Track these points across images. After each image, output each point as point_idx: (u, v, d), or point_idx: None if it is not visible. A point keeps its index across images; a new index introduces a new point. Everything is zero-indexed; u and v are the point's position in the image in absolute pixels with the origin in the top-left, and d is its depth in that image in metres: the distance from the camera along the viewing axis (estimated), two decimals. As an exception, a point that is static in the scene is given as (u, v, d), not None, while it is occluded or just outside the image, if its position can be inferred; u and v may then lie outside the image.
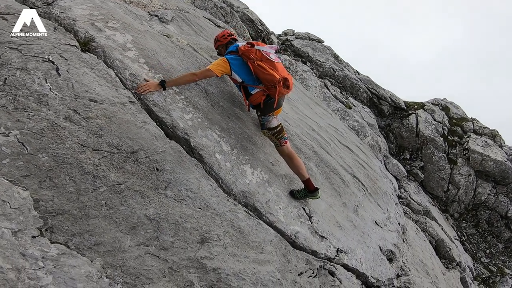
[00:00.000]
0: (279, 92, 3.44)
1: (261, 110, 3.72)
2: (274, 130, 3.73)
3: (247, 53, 3.48)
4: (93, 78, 3.01)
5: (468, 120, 11.34)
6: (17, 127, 2.34)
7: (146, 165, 2.73)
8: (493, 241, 9.81)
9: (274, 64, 3.49)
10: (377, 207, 5.92)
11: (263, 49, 3.51)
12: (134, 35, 3.88)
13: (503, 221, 9.86)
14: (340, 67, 11.42)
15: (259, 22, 11.04)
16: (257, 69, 3.45)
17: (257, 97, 3.61)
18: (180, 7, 6.70)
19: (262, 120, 3.77)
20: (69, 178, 2.34)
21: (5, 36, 2.90)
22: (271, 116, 3.71)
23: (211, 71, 3.43)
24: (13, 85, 2.56)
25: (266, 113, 3.70)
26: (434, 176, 10.14)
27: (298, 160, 3.84)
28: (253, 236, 3.14)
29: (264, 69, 3.42)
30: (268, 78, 3.42)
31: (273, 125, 3.71)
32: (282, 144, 3.79)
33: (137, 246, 2.42)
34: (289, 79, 3.52)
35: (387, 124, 11.15)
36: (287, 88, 3.50)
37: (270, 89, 3.49)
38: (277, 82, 3.39)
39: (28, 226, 2.09)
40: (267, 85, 3.48)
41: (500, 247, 9.75)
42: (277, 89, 3.42)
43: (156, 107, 3.20)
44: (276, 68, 3.47)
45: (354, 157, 6.59)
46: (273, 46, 3.71)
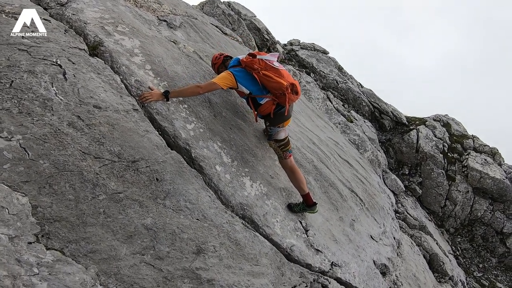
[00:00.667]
0: (289, 99, 3.42)
1: (271, 121, 3.68)
2: (281, 143, 3.74)
3: (250, 64, 3.47)
4: (99, 84, 3.03)
5: (469, 138, 11.38)
6: (20, 132, 2.35)
7: (146, 175, 2.74)
8: (487, 256, 9.86)
9: (279, 71, 3.47)
10: (373, 222, 5.93)
11: (265, 58, 3.51)
12: (142, 41, 3.91)
13: (498, 237, 9.91)
14: (344, 80, 11.48)
15: (265, 31, 11.12)
16: (263, 79, 3.43)
17: (267, 107, 3.56)
18: (189, 13, 6.75)
19: (270, 131, 3.75)
20: (69, 186, 2.34)
21: (16, 37, 2.93)
22: (280, 128, 3.70)
23: (216, 84, 3.39)
24: (19, 88, 2.57)
25: (276, 123, 3.67)
26: (432, 191, 10.18)
27: (299, 174, 3.84)
28: (249, 248, 3.15)
29: (271, 78, 3.39)
30: (276, 86, 3.39)
31: (280, 137, 3.71)
32: (286, 157, 3.78)
33: (132, 255, 2.43)
34: (297, 84, 3.50)
35: (387, 139, 11.17)
36: (296, 94, 3.48)
37: (279, 97, 3.46)
38: (285, 89, 3.36)
39: (25, 232, 2.09)
40: (276, 93, 3.45)
41: (494, 262, 9.78)
42: (287, 96, 3.39)
43: (159, 115, 3.22)
44: (282, 75, 3.44)
45: (353, 172, 6.60)
46: (274, 54, 3.71)
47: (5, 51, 2.74)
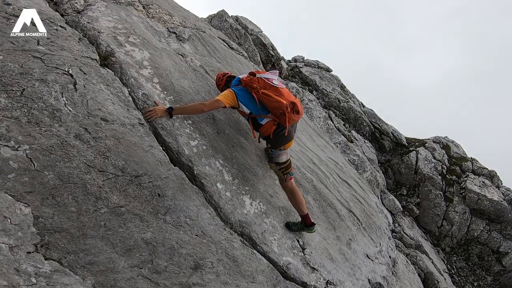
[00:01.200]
0: (289, 118, 3.30)
1: (272, 143, 3.58)
2: (282, 165, 3.69)
3: (249, 83, 3.41)
4: (107, 96, 3.07)
5: (468, 160, 11.47)
6: (27, 142, 2.38)
7: (148, 190, 2.77)
8: (482, 274, 9.88)
9: (279, 89, 3.37)
10: (370, 241, 5.93)
11: (264, 76, 3.43)
12: (152, 53, 3.98)
13: (494, 256, 9.96)
14: (346, 98, 11.60)
15: (270, 47, 11.30)
16: (262, 98, 3.34)
17: (268, 128, 3.46)
18: (198, 26, 6.86)
19: (271, 153, 3.67)
20: (72, 198, 2.37)
21: (32, 43, 2.95)
22: (281, 151, 3.62)
23: (220, 101, 3.34)
24: (30, 97, 2.60)
25: (277, 146, 3.57)
26: (429, 212, 10.26)
27: (299, 196, 3.83)
28: (246, 265, 3.16)
29: (270, 97, 3.30)
30: (275, 105, 3.30)
31: (282, 160, 3.66)
32: (287, 180, 3.75)
33: (130, 268, 2.44)
34: (297, 103, 3.38)
35: (387, 160, 11.22)
36: (296, 113, 3.36)
37: (279, 117, 3.35)
38: (285, 108, 3.25)
39: (25, 242, 2.11)
40: (276, 113, 3.35)
41: (489, 280, 9.80)
42: (287, 115, 3.27)
43: (164, 130, 3.26)
44: (281, 94, 3.35)
45: (352, 192, 6.62)
46: (274, 71, 3.62)
47: (20, 57, 2.77)
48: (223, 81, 3.96)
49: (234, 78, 3.81)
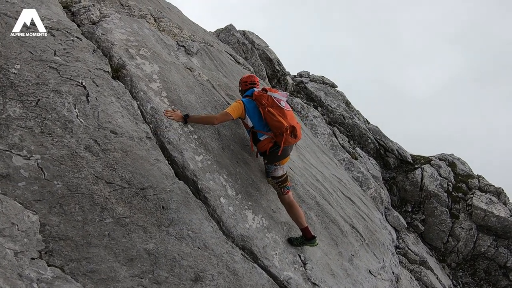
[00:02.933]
0: (285, 140, 3.48)
1: (267, 158, 3.78)
2: (278, 179, 3.81)
3: (259, 99, 3.63)
4: (117, 109, 3.17)
5: (474, 177, 11.36)
6: (39, 152, 2.48)
7: (153, 202, 2.82)
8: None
9: (284, 111, 3.58)
10: (373, 257, 5.87)
11: (274, 95, 3.65)
12: (161, 66, 4.08)
13: (501, 270, 9.76)
14: (351, 115, 11.64)
15: (276, 62, 11.47)
16: (267, 115, 3.55)
17: (265, 144, 3.68)
18: (206, 40, 7.03)
19: (267, 168, 3.85)
20: (79, 207, 2.43)
21: (49, 53, 3.03)
22: (277, 166, 3.77)
23: (229, 114, 3.59)
24: (44, 108, 2.69)
25: (272, 161, 3.75)
26: (434, 228, 10.16)
27: (297, 209, 3.89)
28: (246, 279, 3.16)
29: (274, 116, 3.51)
30: (277, 125, 3.50)
31: (277, 174, 3.78)
32: (284, 193, 3.86)
33: (131, 278, 2.47)
34: (297, 128, 3.56)
35: (391, 177, 11.16)
36: (294, 137, 3.55)
37: (277, 136, 3.55)
38: (284, 130, 3.45)
39: (30, 248, 2.17)
40: (275, 132, 3.55)
41: None
42: (284, 136, 3.47)
43: (170, 145, 3.34)
44: (285, 116, 3.55)
45: (355, 209, 6.60)
46: (284, 93, 3.83)
47: (37, 67, 2.87)
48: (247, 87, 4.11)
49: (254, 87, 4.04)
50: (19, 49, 2.91)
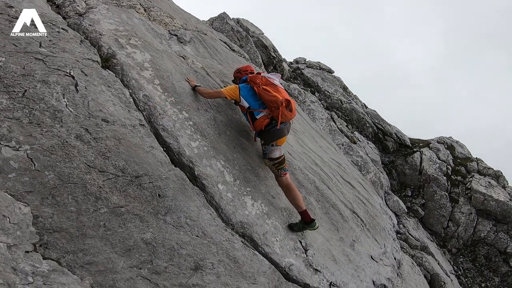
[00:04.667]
0: (281, 113, 3.61)
1: (264, 138, 3.82)
2: (275, 161, 3.83)
3: (253, 79, 3.85)
4: (108, 97, 3.09)
5: (473, 160, 11.37)
6: (28, 142, 2.39)
7: (148, 190, 2.76)
8: (490, 275, 9.75)
9: (278, 88, 3.79)
10: (374, 242, 5.87)
11: (267, 75, 3.91)
12: (153, 55, 4.00)
13: (502, 256, 9.84)
14: (348, 100, 11.56)
15: (272, 48, 11.31)
16: (262, 92, 3.73)
17: (261, 121, 3.78)
18: (199, 28, 6.89)
19: (265, 149, 3.89)
20: (72, 198, 2.36)
21: (34, 45, 2.98)
22: (274, 146, 3.82)
23: (221, 93, 3.82)
24: (32, 98, 2.62)
25: (269, 141, 3.80)
26: (434, 213, 10.16)
27: (295, 191, 3.88)
28: (247, 267, 3.13)
29: (268, 92, 3.69)
30: (272, 99, 3.66)
31: (275, 155, 3.82)
32: (281, 175, 3.88)
33: (129, 268, 2.42)
34: (292, 102, 3.73)
35: (390, 161, 11.15)
36: (290, 110, 3.68)
37: (273, 111, 3.69)
38: (280, 103, 3.61)
39: (23, 241, 2.10)
40: (271, 106, 3.69)
41: (496, 281, 9.66)
42: (280, 110, 3.60)
43: (165, 131, 3.26)
44: (279, 91, 3.75)
45: (355, 193, 6.58)
46: (277, 74, 4.05)
47: (22, 59, 2.80)
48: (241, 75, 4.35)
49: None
50: (3, 42, 2.83)
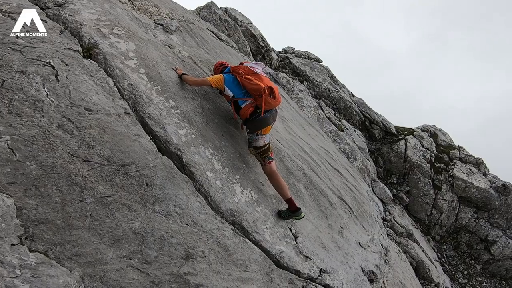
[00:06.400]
0: (265, 101, 3.65)
1: (250, 126, 3.83)
2: (260, 150, 3.85)
3: (236, 69, 3.90)
4: (91, 86, 3.01)
5: (455, 148, 11.65)
6: (8, 133, 2.32)
7: (135, 179, 2.72)
8: (472, 263, 10.06)
9: (260, 76, 3.82)
10: (361, 229, 5.98)
11: (250, 65, 3.94)
12: (137, 44, 3.91)
13: (483, 244, 10.15)
14: (336, 88, 11.61)
15: (260, 38, 11.20)
16: (245, 81, 3.77)
17: (246, 110, 3.79)
18: (186, 18, 6.76)
19: (249, 138, 3.90)
20: (56, 188, 2.32)
21: (10, 36, 2.90)
22: (258, 135, 3.82)
23: (207, 81, 3.87)
24: (10, 89, 2.54)
25: (254, 130, 3.80)
26: (418, 200, 10.38)
27: (279, 179, 3.91)
28: (238, 254, 3.15)
29: (251, 80, 3.74)
30: (255, 87, 3.70)
31: (259, 144, 3.83)
32: (265, 164, 3.91)
33: (119, 259, 2.40)
34: (275, 89, 3.75)
35: (377, 148, 11.31)
36: (273, 98, 3.71)
37: (257, 99, 3.72)
38: (262, 91, 3.65)
39: (8, 233, 2.06)
40: (254, 95, 3.72)
41: (478, 268, 9.98)
42: (263, 97, 3.64)
43: (151, 120, 3.22)
44: (262, 80, 3.79)
45: (343, 180, 6.66)
46: (259, 63, 4.07)
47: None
48: (219, 70, 4.37)
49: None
50: (-21, 35, 2.73)
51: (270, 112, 3.79)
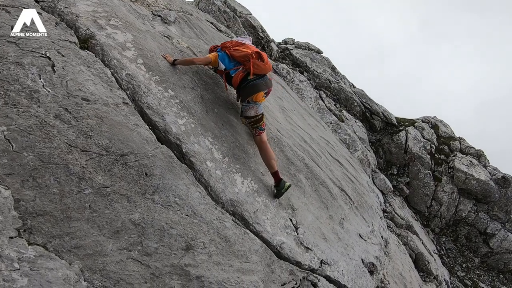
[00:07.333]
0: (253, 63, 3.81)
1: (241, 94, 3.90)
2: (251, 119, 3.94)
3: (224, 44, 4.15)
4: (88, 77, 2.97)
5: (456, 139, 11.59)
6: (5, 123, 2.29)
7: (135, 169, 2.70)
8: (470, 256, 10.08)
9: (247, 45, 4.05)
10: (362, 221, 5.98)
11: (237, 38, 4.23)
12: (135, 35, 3.87)
13: (481, 237, 10.15)
14: (337, 79, 11.53)
15: (260, 29, 11.08)
16: (233, 52, 3.97)
17: (237, 76, 3.91)
18: (184, 9, 6.69)
19: (242, 107, 3.98)
20: (54, 179, 2.29)
21: (5, 29, 2.86)
22: (250, 104, 3.88)
23: (209, 58, 4.00)
24: (6, 80, 2.51)
25: (245, 97, 3.86)
26: (418, 192, 10.35)
27: (269, 151, 3.94)
28: (239, 245, 3.13)
29: (239, 50, 3.95)
30: (243, 55, 3.89)
31: (250, 114, 3.91)
32: (256, 134, 3.98)
33: (119, 251, 2.38)
34: (263, 54, 3.91)
35: (377, 139, 11.26)
36: (262, 60, 3.87)
37: (246, 64, 3.87)
38: (250, 56, 3.84)
39: (6, 226, 2.04)
40: (243, 61, 3.89)
41: (477, 262, 10.01)
42: (251, 61, 3.81)
43: (150, 110, 3.18)
44: (249, 48, 4.01)
45: (344, 171, 6.64)
46: (248, 37, 4.28)
47: None
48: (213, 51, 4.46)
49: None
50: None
51: (262, 78, 3.89)
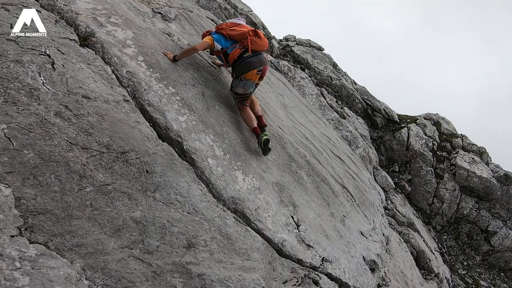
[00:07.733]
0: (251, 40, 3.96)
1: (236, 71, 4.02)
2: (238, 96, 4.13)
3: (219, 27, 4.24)
4: (88, 74, 2.96)
5: (458, 137, 11.53)
6: (5, 121, 2.28)
7: (136, 167, 2.68)
8: (471, 254, 10.06)
9: (242, 25, 4.21)
10: (363, 218, 5.96)
11: (231, 20, 4.38)
12: (135, 32, 3.85)
13: (483, 235, 10.12)
14: (338, 76, 11.48)
15: (261, 26, 11.02)
16: (230, 32, 4.11)
17: (233, 53, 4.04)
18: (184, 6, 6.66)
19: (233, 82, 4.13)
20: (54, 177, 2.28)
21: (5, 27, 2.85)
22: (242, 81, 4.00)
23: (207, 42, 4.08)
24: (6, 78, 2.50)
25: (239, 74, 3.98)
26: (420, 189, 10.31)
27: (249, 112, 4.18)
28: (240, 243, 3.12)
29: (235, 30, 4.10)
30: (240, 33, 4.05)
31: (239, 91, 4.09)
32: (239, 107, 4.22)
33: (120, 249, 2.37)
34: (258, 31, 4.08)
35: (379, 136, 11.22)
36: (258, 37, 4.02)
37: (243, 41, 4.02)
38: (247, 33, 3.99)
39: (7, 225, 2.03)
40: (241, 39, 4.03)
41: (478, 260, 9.98)
42: (249, 38, 3.96)
43: (151, 107, 3.17)
44: (245, 27, 4.17)
45: (345, 168, 6.62)
46: (241, 18, 4.42)
47: None
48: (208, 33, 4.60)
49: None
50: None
51: (257, 56, 4.01)
